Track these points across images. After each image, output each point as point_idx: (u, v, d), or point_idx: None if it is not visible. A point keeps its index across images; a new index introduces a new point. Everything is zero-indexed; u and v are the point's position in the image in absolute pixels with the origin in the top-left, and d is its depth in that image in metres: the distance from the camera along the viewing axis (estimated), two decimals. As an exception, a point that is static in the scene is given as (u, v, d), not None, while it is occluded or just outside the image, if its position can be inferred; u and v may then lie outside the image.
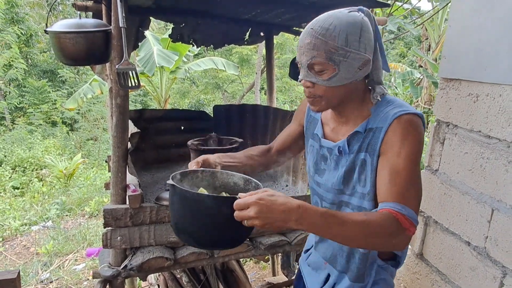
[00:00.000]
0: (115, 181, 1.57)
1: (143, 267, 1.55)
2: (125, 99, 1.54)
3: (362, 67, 0.96)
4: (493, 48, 1.52)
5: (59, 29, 1.42)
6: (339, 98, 1.00)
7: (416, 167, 0.95)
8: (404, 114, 0.95)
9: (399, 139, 0.94)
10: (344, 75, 0.95)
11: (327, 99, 1.00)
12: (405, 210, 0.88)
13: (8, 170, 7.88)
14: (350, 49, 0.92)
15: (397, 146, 0.94)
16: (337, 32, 0.91)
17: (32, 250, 3.94)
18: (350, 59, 0.93)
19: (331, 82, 0.95)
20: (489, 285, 1.59)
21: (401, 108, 0.97)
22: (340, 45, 0.92)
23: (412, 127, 0.95)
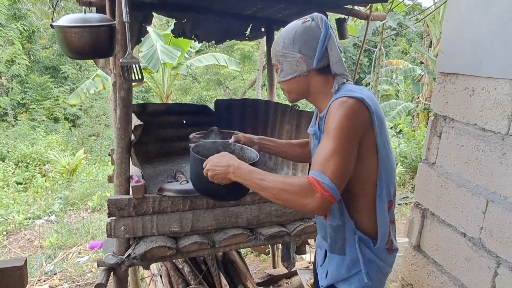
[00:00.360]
0: (119, 172, 1.61)
1: (146, 256, 1.59)
2: (129, 93, 1.58)
3: (299, 64, 1.17)
4: (489, 43, 1.55)
5: (64, 23, 1.45)
6: (297, 90, 1.22)
7: (340, 141, 1.03)
8: (340, 97, 1.07)
9: (329, 118, 1.07)
10: (287, 71, 1.19)
11: (288, 91, 1.24)
12: (320, 176, 1.01)
13: (11, 166, 7.94)
14: (286, 51, 1.17)
15: (328, 124, 1.06)
16: (280, 39, 1.19)
17: (36, 243, 3.99)
18: (288, 58, 1.18)
19: (280, 78, 1.22)
20: (484, 275, 1.63)
21: (344, 93, 1.09)
22: (280, 48, 1.19)
23: (342, 106, 1.05)
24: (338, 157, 1.02)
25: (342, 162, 1.03)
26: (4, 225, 4.43)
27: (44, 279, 3.16)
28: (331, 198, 1.00)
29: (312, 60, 1.16)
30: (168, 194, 1.61)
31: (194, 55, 9.57)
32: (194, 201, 1.66)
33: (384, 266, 1.32)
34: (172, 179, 2.10)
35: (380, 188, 1.18)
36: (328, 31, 1.16)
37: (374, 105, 1.10)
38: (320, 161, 1.04)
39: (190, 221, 1.67)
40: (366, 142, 1.09)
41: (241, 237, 1.72)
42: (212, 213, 1.70)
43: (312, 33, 1.15)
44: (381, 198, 1.20)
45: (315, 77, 1.19)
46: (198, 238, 1.66)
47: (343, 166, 1.03)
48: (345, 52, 15.53)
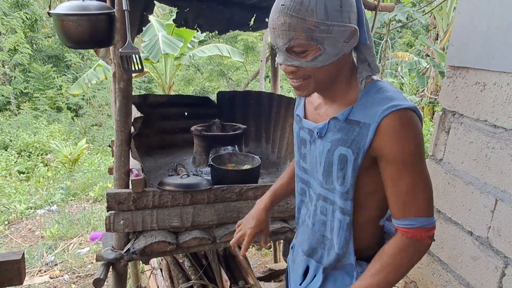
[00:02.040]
0: (118, 166, 1.57)
1: (145, 251, 1.56)
2: (129, 83, 1.54)
3: (349, 39, 0.85)
4: (502, 36, 1.49)
5: (62, 11, 1.40)
6: (329, 78, 0.89)
7: (420, 170, 0.86)
8: (395, 110, 0.83)
9: (395, 145, 0.83)
10: (330, 52, 0.84)
11: (316, 81, 0.89)
12: (415, 221, 0.87)
13: (13, 155, 7.95)
14: (332, 22, 0.81)
15: (395, 153, 0.84)
16: (314, 4, 0.79)
17: (37, 233, 3.99)
18: (335, 33, 0.82)
19: (317, 62, 0.84)
20: (490, 275, 1.59)
21: (391, 102, 0.84)
22: (320, 19, 0.80)
23: (407, 128, 0.83)
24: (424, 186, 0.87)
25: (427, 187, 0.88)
26: (6, 214, 4.43)
27: (44, 270, 3.16)
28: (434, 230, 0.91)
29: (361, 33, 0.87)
30: (169, 188, 1.58)
31: (197, 45, 9.49)
32: (195, 196, 1.62)
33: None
34: (173, 172, 2.07)
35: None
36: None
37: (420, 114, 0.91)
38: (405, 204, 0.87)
39: (191, 216, 1.64)
40: None
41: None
42: (213, 208, 1.66)
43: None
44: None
45: (349, 58, 0.92)
46: (199, 233, 1.63)
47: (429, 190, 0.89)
48: (349, 44, 15.36)
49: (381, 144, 0.85)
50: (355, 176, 0.90)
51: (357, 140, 0.88)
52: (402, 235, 0.89)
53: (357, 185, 0.92)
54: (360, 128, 0.87)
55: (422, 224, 0.87)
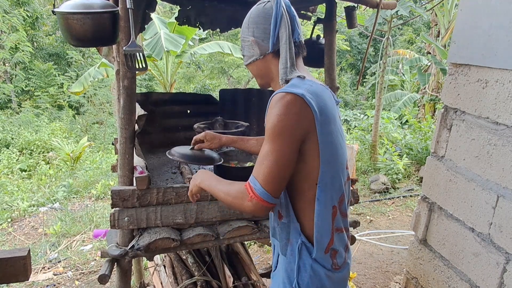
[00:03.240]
0: (123, 163, 1.58)
1: (150, 248, 1.57)
2: (132, 81, 1.54)
3: (253, 48, 1.14)
4: (504, 33, 1.49)
5: (66, 9, 1.41)
6: (258, 74, 1.19)
7: (274, 142, 0.99)
8: (278, 92, 1.01)
9: (267, 116, 1.02)
10: (246, 54, 1.18)
11: (254, 76, 1.22)
12: (253, 181, 1.01)
13: (15, 153, 7.97)
14: (243, 35, 1.17)
15: (266, 124, 1.02)
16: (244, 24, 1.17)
17: (40, 230, 4.01)
18: (245, 42, 1.17)
19: (244, 62, 1.21)
20: (492, 270, 1.60)
21: (285, 88, 1.03)
22: (243, 34, 1.17)
23: (278, 103, 0.99)
24: (272, 161, 0.99)
25: (275, 166, 0.99)
26: (9, 212, 4.45)
27: (48, 267, 3.18)
28: (263, 202, 1.00)
29: (267, 43, 1.11)
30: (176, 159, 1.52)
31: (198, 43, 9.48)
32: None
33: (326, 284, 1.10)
34: (176, 169, 2.08)
35: (321, 191, 1.05)
36: (279, 11, 1.08)
37: (319, 102, 1.01)
38: (256, 164, 1.03)
39: (195, 213, 1.65)
40: (310, 141, 1.01)
41: (246, 229, 1.71)
42: (217, 205, 1.67)
43: (265, 15, 1.11)
44: (321, 201, 1.06)
45: (273, 61, 1.14)
46: (203, 230, 1.64)
47: (277, 169, 0.99)
48: (350, 41, 15.34)
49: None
50: None
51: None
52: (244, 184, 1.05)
53: None
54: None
55: (254, 184, 1.01)
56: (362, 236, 3.46)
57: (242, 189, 1.04)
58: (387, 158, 5.61)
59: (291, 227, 1.12)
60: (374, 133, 6.00)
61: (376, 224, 3.82)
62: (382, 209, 4.17)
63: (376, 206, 4.26)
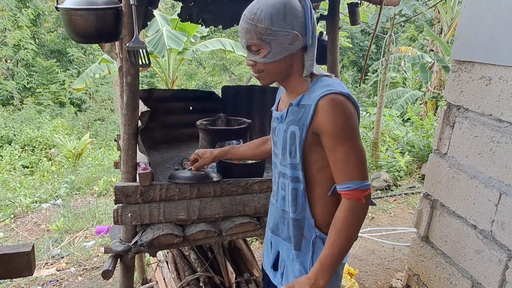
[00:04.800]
0: (126, 159, 1.59)
1: (153, 244, 1.58)
2: (136, 78, 1.55)
3: (293, 42, 1.06)
4: (508, 30, 1.49)
5: (70, 5, 1.41)
6: (280, 71, 1.12)
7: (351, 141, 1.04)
8: (328, 94, 1.04)
9: (328, 120, 1.03)
10: (276, 51, 1.07)
11: (269, 74, 1.13)
12: (351, 184, 1.04)
13: (17, 149, 7.99)
14: (276, 28, 1.04)
15: (329, 127, 1.03)
16: (263, 15, 1.03)
17: (43, 227, 4.02)
18: (280, 36, 1.05)
19: (267, 59, 1.08)
20: (494, 267, 1.61)
21: (326, 88, 1.05)
22: (267, 26, 1.04)
23: (337, 106, 1.03)
24: (356, 156, 1.05)
25: (360, 158, 1.06)
26: (12, 208, 4.47)
27: (51, 263, 3.20)
28: (368, 191, 1.06)
29: (304, 37, 1.08)
30: (180, 181, 1.58)
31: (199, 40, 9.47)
32: (202, 189, 1.64)
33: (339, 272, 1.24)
34: (179, 166, 2.08)
35: None
36: (309, 9, 1.08)
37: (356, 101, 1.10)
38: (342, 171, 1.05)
39: (197, 209, 1.65)
40: None
41: (249, 225, 1.71)
42: (220, 201, 1.68)
43: (298, 8, 1.06)
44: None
45: (300, 57, 1.12)
46: (205, 226, 1.65)
47: (362, 160, 1.06)
48: (352, 38, 15.29)
49: (318, 121, 1.05)
50: (301, 149, 1.10)
51: (302, 118, 1.09)
52: (344, 199, 1.06)
53: (308, 161, 1.12)
54: (305, 109, 1.09)
55: (357, 186, 1.03)
56: (364, 233, 3.47)
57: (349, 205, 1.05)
58: (389, 155, 5.60)
59: (305, 222, 1.17)
60: (376, 130, 6.00)
61: (377, 221, 3.83)
62: (384, 206, 4.17)
63: (378, 203, 4.26)
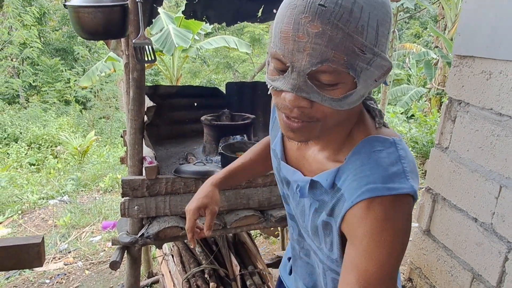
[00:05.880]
0: (132, 153, 1.63)
1: (159, 236, 1.62)
2: (142, 74, 1.58)
3: (379, 78, 0.61)
4: (508, 25, 1.51)
5: (77, 3, 1.45)
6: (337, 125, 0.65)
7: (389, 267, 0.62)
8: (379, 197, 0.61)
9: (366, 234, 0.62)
10: (361, 91, 0.60)
11: (323, 128, 0.63)
12: None
13: (24, 147, 8.08)
14: (378, 50, 0.57)
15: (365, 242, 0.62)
16: (366, 19, 0.54)
17: (50, 222, 4.09)
18: (374, 66, 0.58)
19: (343, 104, 0.59)
20: (494, 259, 1.63)
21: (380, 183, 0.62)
22: (369, 42, 0.55)
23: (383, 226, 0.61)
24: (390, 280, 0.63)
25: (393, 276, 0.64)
26: (19, 204, 4.53)
27: (59, 257, 3.25)
28: None
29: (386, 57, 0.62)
30: (185, 175, 1.62)
31: (203, 37, 9.51)
32: (206, 183, 1.67)
33: None
34: (183, 161, 2.12)
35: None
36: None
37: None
38: None
39: (202, 202, 1.69)
40: None
41: (252, 218, 1.74)
42: (224, 195, 1.71)
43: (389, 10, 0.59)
44: None
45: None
46: (210, 219, 1.68)
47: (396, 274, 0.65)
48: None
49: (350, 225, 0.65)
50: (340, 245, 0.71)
51: (336, 209, 0.69)
52: None
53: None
54: (339, 199, 0.68)
55: None
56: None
57: None
58: (393, 152, 5.60)
59: None
60: (380, 127, 6.00)
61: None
62: (387, 202, 4.20)
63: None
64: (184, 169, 1.65)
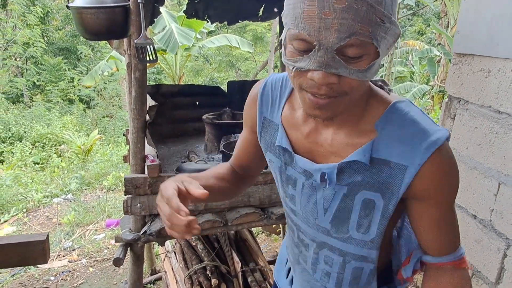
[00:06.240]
0: (135, 152, 1.65)
1: (161, 233, 1.64)
2: (144, 73, 1.60)
3: (391, 46, 0.63)
4: (506, 22, 1.51)
5: (80, 4, 1.47)
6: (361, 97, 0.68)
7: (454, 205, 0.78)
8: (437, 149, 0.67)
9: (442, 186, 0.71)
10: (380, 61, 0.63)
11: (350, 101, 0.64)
12: (459, 253, 0.79)
13: (28, 146, 8.14)
14: (394, 18, 0.60)
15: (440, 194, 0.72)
16: None
17: (54, 220, 4.13)
18: (390, 35, 0.60)
19: (368, 74, 0.61)
20: (493, 256, 1.64)
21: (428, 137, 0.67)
22: (388, 12, 0.58)
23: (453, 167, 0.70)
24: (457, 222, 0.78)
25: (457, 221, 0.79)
26: (24, 202, 4.58)
27: (63, 255, 3.30)
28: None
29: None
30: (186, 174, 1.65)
31: (206, 36, 9.53)
32: (208, 181, 1.69)
33: None
34: (185, 159, 2.14)
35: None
36: None
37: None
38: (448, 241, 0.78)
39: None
40: None
41: (253, 216, 1.76)
42: (225, 193, 1.73)
43: None
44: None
45: None
46: (211, 217, 1.71)
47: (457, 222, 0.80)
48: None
49: (423, 188, 0.70)
50: (385, 224, 0.75)
51: (388, 183, 0.70)
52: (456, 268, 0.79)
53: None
54: (391, 169, 0.70)
55: (464, 251, 0.80)
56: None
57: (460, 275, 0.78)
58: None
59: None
60: (382, 125, 6.00)
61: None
62: (389, 200, 4.21)
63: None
64: (186, 167, 1.67)
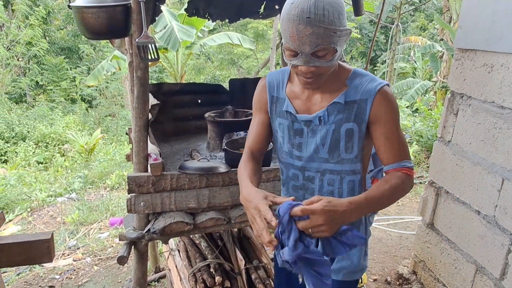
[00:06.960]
0: (137, 150, 1.66)
1: (165, 231, 1.65)
2: (145, 72, 1.60)
3: (347, 38, 1.06)
4: (508, 18, 1.50)
5: (81, 4, 1.47)
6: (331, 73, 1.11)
7: (398, 124, 1.13)
8: (383, 86, 1.10)
9: (387, 109, 1.10)
10: (340, 51, 1.05)
11: (326, 76, 1.09)
12: (407, 162, 1.11)
13: (31, 146, 8.17)
14: (342, 27, 1.00)
15: (387, 115, 1.10)
16: (332, 15, 0.97)
17: (58, 219, 4.15)
18: (343, 35, 1.02)
19: (334, 62, 1.05)
20: (497, 252, 1.64)
21: (376, 82, 1.12)
22: (337, 26, 0.98)
23: (392, 97, 1.12)
24: (404, 140, 1.14)
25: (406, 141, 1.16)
26: (28, 202, 4.60)
27: (68, 253, 3.31)
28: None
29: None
30: (189, 172, 1.65)
31: (207, 34, 9.52)
32: (211, 179, 1.70)
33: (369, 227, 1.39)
34: (188, 157, 2.14)
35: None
36: None
37: None
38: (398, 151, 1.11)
39: (207, 198, 1.72)
40: None
41: (256, 213, 1.76)
42: (228, 190, 1.74)
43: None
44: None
45: None
46: (215, 214, 1.71)
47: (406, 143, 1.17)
48: (361, 29, 15.16)
49: (378, 111, 1.10)
50: (362, 142, 1.15)
51: (358, 114, 1.12)
52: (402, 173, 1.09)
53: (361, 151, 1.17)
54: (358, 104, 1.12)
55: (411, 165, 1.12)
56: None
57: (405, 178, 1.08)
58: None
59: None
60: (384, 121, 5.97)
61: (385, 210, 3.85)
62: (392, 196, 4.20)
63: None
64: (188, 166, 1.68)
